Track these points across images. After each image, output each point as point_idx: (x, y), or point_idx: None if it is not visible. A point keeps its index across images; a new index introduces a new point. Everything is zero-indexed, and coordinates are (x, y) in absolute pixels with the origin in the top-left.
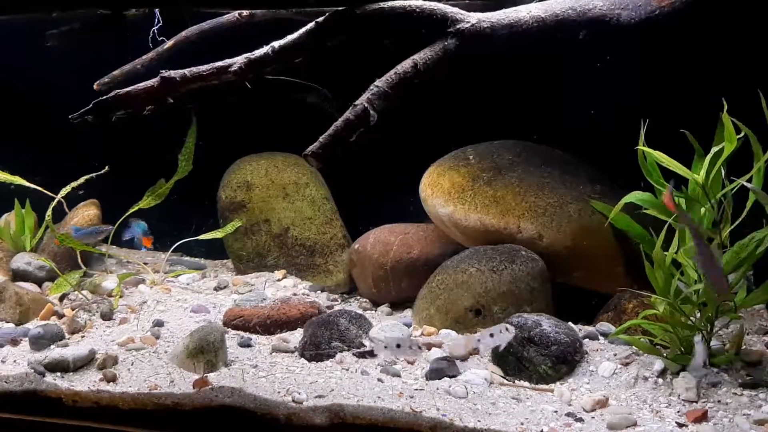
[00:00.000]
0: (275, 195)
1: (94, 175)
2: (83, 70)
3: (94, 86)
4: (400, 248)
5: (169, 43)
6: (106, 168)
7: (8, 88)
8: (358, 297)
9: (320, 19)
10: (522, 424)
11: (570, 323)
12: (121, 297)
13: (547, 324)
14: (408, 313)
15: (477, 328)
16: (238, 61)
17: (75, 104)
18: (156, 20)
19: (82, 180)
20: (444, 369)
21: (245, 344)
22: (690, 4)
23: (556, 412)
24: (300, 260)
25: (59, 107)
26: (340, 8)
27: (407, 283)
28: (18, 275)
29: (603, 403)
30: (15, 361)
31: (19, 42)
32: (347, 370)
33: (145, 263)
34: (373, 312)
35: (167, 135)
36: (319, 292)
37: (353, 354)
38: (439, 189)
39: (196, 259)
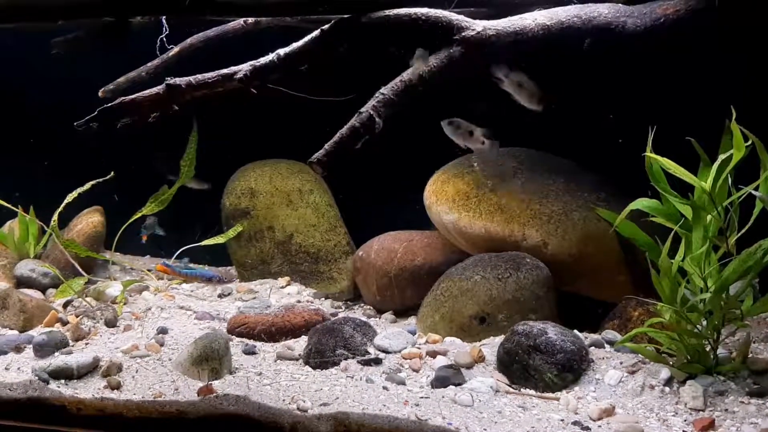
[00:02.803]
0: (279, 202)
1: (100, 180)
2: (87, 77)
3: (99, 93)
4: (405, 255)
5: (174, 51)
6: (112, 173)
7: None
8: (362, 304)
9: (325, 26)
10: None
11: (575, 331)
12: (125, 304)
13: (552, 332)
14: (412, 320)
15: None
16: (243, 68)
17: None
18: (163, 28)
19: (87, 186)
20: (449, 377)
21: (250, 352)
22: (695, 12)
23: (562, 420)
24: (304, 267)
25: (63, 114)
26: (346, 16)
27: (411, 290)
28: (22, 282)
29: (610, 412)
30: (19, 368)
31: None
32: (352, 377)
33: (149, 270)
34: (377, 319)
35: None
36: (323, 299)
37: (358, 362)
38: (444, 196)
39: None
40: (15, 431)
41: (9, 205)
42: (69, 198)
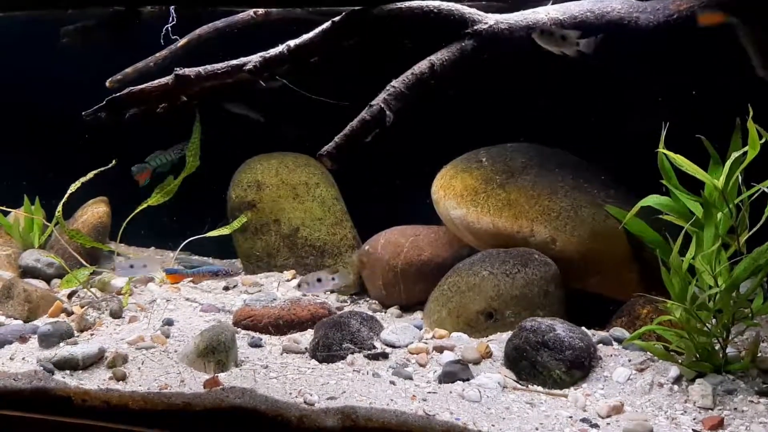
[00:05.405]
0: (285, 195)
1: (102, 169)
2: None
3: (107, 83)
4: (411, 250)
5: (182, 41)
6: (114, 162)
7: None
8: (368, 299)
9: (336, 18)
10: (537, 429)
11: (583, 328)
12: (130, 295)
13: (561, 328)
14: (418, 315)
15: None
16: (253, 59)
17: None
18: (170, 18)
19: (90, 175)
20: (457, 372)
21: (256, 344)
22: (708, 8)
23: (570, 417)
24: (309, 261)
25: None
26: (357, 8)
27: (418, 285)
28: (27, 272)
29: (618, 409)
30: (24, 358)
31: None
32: (359, 372)
33: None
34: (383, 314)
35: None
36: (328, 293)
37: (365, 356)
38: (452, 191)
39: (205, 258)
40: (20, 422)
41: (12, 210)
42: (73, 188)
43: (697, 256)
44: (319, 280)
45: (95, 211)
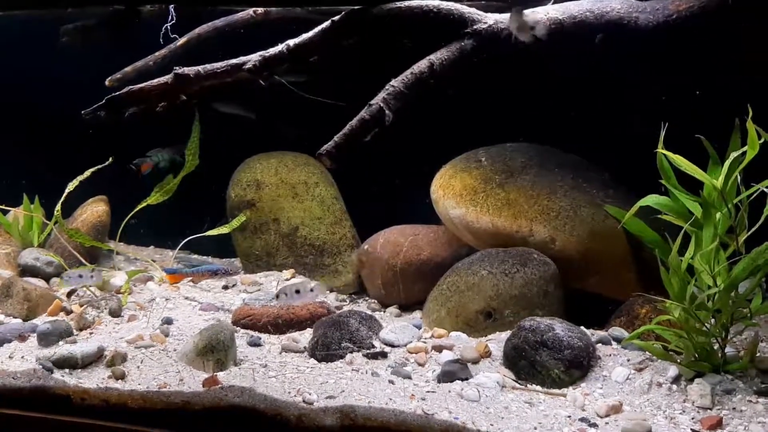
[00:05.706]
0: (285, 194)
1: (99, 167)
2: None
3: (106, 82)
4: (410, 250)
5: (181, 40)
6: (110, 159)
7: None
8: (366, 298)
9: (336, 17)
10: (535, 429)
11: (582, 327)
12: (129, 294)
13: (560, 328)
14: (417, 314)
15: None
16: (253, 58)
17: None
18: (170, 17)
19: (88, 173)
20: (456, 372)
21: (255, 343)
22: (707, 9)
23: (569, 417)
24: (309, 260)
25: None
26: (356, 7)
27: (417, 284)
28: (26, 271)
29: (617, 409)
30: (23, 357)
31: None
32: (357, 371)
33: (153, 260)
34: (382, 313)
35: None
36: (327, 292)
37: (363, 355)
38: (451, 191)
39: (204, 257)
40: (19, 420)
41: (12, 209)
42: (70, 186)
43: (696, 255)
44: (297, 291)
45: (94, 209)
